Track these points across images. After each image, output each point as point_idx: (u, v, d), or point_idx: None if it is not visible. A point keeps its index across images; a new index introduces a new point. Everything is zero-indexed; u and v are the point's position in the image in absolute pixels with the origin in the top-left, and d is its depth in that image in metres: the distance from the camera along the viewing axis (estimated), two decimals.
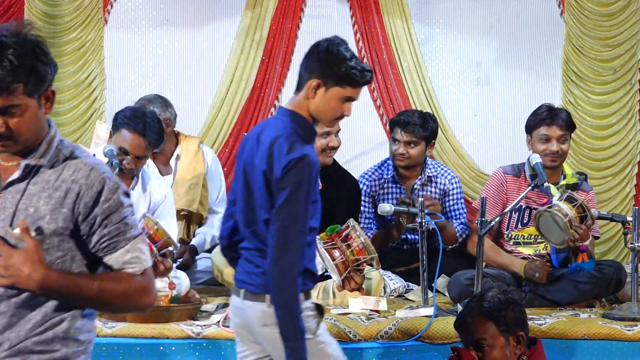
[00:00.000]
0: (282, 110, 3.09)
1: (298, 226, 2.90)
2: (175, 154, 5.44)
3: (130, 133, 4.51)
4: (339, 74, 3.03)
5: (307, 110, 3.05)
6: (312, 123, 3.07)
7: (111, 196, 2.35)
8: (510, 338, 3.31)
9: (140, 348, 4.02)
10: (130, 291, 2.38)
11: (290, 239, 2.89)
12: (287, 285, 2.89)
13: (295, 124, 3.02)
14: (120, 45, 6.43)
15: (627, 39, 6.48)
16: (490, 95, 6.57)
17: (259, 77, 6.42)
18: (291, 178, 2.88)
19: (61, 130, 6.25)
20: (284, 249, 2.88)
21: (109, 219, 2.35)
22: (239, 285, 3.07)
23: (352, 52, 3.08)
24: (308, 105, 3.04)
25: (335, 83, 3.03)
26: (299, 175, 2.89)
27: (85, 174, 2.35)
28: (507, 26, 6.55)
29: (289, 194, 2.88)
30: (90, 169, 2.36)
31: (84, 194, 2.33)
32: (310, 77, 3.04)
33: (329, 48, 3.05)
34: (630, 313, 4.38)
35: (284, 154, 2.91)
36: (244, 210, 3.05)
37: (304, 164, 2.89)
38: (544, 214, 4.47)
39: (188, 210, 5.37)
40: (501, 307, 3.32)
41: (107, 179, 2.36)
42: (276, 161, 2.92)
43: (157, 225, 4.23)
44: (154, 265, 4.23)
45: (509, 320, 3.32)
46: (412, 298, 4.87)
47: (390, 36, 6.43)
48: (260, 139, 3.02)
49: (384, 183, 5.36)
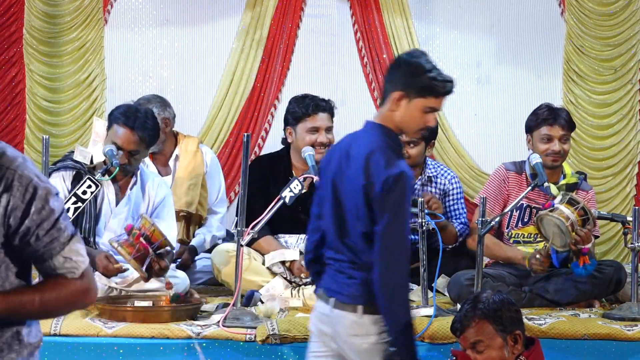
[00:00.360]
0: (371, 124, 3.11)
1: (403, 243, 2.95)
2: (174, 155, 5.44)
3: (122, 128, 4.55)
4: (420, 85, 3.05)
5: (392, 122, 3.07)
6: (398, 136, 3.10)
7: (42, 204, 2.22)
8: (507, 337, 3.31)
9: (140, 348, 4.03)
10: (72, 297, 2.30)
11: (397, 258, 2.93)
12: (401, 303, 2.93)
13: (387, 137, 3.05)
14: (121, 45, 6.43)
15: (627, 38, 6.48)
16: (490, 94, 6.56)
17: (259, 76, 6.41)
18: (393, 196, 2.92)
19: (61, 130, 6.27)
20: (392, 268, 2.92)
21: (40, 228, 2.23)
22: (329, 294, 3.07)
23: (432, 63, 3.11)
24: (392, 117, 3.06)
25: (417, 94, 3.05)
26: (400, 193, 2.93)
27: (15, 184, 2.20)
28: (507, 25, 6.54)
29: (392, 214, 2.92)
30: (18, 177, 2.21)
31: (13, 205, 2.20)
32: (393, 90, 3.07)
33: (410, 60, 3.10)
34: (630, 313, 4.38)
35: (382, 168, 2.94)
36: (335, 222, 3.07)
37: (403, 181, 2.93)
38: (545, 217, 4.47)
39: (187, 211, 5.37)
40: (497, 307, 3.32)
41: (38, 187, 2.22)
42: (375, 175, 2.95)
43: (154, 226, 4.23)
44: (149, 265, 4.23)
45: (505, 319, 3.32)
46: (412, 298, 4.87)
47: (391, 35, 6.43)
48: (351, 153, 3.05)
49: None
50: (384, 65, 6.44)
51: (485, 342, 3.28)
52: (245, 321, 4.12)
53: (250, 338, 4.03)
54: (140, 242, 4.18)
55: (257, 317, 4.20)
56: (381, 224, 2.93)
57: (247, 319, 4.14)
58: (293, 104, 5.01)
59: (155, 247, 4.20)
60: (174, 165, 5.44)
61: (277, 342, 4.00)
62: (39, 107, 6.24)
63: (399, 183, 2.92)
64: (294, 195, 4.29)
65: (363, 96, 6.48)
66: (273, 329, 4.00)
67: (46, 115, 6.24)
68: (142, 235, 4.19)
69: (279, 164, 5.01)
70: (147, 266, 4.22)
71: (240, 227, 4.20)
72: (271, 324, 4.04)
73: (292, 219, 4.86)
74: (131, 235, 4.22)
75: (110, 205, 4.69)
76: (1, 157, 2.21)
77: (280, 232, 4.93)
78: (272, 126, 6.39)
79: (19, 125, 6.26)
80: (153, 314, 4.20)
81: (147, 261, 4.21)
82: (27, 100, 6.25)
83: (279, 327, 4.02)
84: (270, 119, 6.42)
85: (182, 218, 5.37)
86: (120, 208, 4.69)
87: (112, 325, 4.08)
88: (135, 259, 4.19)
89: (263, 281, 4.66)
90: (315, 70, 6.50)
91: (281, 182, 4.57)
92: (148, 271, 4.24)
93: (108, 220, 4.68)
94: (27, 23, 6.26)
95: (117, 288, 4.52)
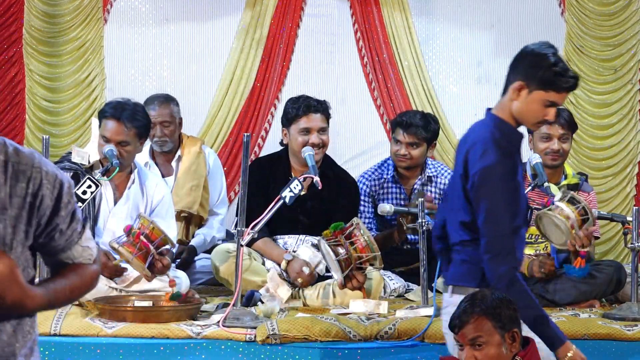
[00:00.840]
0: (488, 114, 3.12)
1: (504, 233, 2.98)
2: (177, 155, 5.45)
3: (109, 120, 4.60)
4: (542, 78, 3.04)
5: (509, 112, 3.07)
6: (514, 127, 3.09)
7: (68, 199, 2.22)
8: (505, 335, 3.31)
9: (140, 348, 4.02)
10: (90, 282, 2.33)
11: (501, 251, 2.98)
12: (515, 291, 3.01)
13: (496, 129, 3.05)
14: (120, 45, 6.43)
15: (627, 38, 6.48)
16: (490, 94, 6.55)
17: (259, 76, 6.41)
18: (485, 189, 2.95)
19: (61, 130, 6.27)
20: (498, 261, 2.98)
21: (64, 222, 2.23)
22: (446, 282, 3.18)
23: (559, 58, 3.09)
24: (511, 107, 3.06)
25: (538, 86, 3.04)
26: (492, 185, 2.94)
27: (44, 183, 2.18)
28: (507, 25, 6.54)
29: (488, 207, 2.95)
30: (45, 174, 2.17)
31: (45, 205, 2.18)
32: (514, 79, 3.06)
33: (536, 51, 3.09)
34: (630, 313, 4.38)
35: (477, 159, 2.96)
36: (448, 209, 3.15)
37: (494, 171, 2.94)
38: (545, 215, 4.46)
39: (188, 212, 5.37)
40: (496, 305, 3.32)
41: (63, 182, 2.20)
42: (470, 167, 2.98)
43: (152, 224, 4.23)
44: (151, 264, 4.24)
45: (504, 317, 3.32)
46: (412, 298, 4.87)
47: (391, 35, 6.43)
48: (465, 142, 3.09)
49: (384, 183, 5.35)
50: (384, 65, 6.44)
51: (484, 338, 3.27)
52: (245, 321, 4.12)
53: (250, 338, 4.02)
54: (140, 240, 4.18)
55: (257, 317, 4.20)
56: (479, 217, 2.98)
57: (247, 319, 4.14)
58: (288, 104, 5.01)
59: (156, 245, 4.20)
60: (177, 165, 5.45)
61: (277, 342, 4.00)
62: (39, 107, 6.24)
63: (491, 173, 2.93)
64: (294, 195, 4.29)
65: (363, 96, 6.48)
66: (273, 329, 4.00)
67: (46, 115, 6.24)
68: (142, 234, 4.19)
69: (278, 165, 5.01)
70: (149, 264, 4.22)
71: (240, 227, 4.20)
72: (271, 324, 4.04)
73: (291, 220, 4.86)
74: (131, 235, 4.22)
75: (109, 205, 4.69)
76: (18, 154, 2.16)
77: (279, 234, 4.92)
78: (272, 126, 6.39)
79: (18, 125, 6.26)
80: (153, 314, 4.20)
81: (149, 259, 4.21)
82: (26, 100, 6.25)
83: (279, 327, 4.02)
84: (270, 119, 6.42)
85: (183, 219, 5.37)
86: (118, 207, 4.69)
87: (112, 325, 4.08)
88: (137, 257, 4.18)
89: (263, 281, 4.66)
90: (315, 69, 6.50)
91: (280, 182, 4.57)
92: (150, 269, 4.24)
93: (107, 220, 4.68)
94: (26, 23, 6.26)
95: (117, 288, 4.52)
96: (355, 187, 5.15)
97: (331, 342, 4.02)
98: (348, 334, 4.04)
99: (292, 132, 4.91)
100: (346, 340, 4.03)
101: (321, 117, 4.92)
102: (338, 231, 4.32)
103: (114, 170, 4.48)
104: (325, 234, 4.35)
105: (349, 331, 4.05)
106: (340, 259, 4.26)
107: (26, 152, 2.18)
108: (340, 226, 4.31)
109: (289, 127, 4.94)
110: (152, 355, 4.01)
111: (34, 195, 2.16)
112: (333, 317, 4.16)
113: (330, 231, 4.34)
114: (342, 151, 6.23)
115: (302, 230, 4.92)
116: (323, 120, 4.93)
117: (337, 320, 4.11)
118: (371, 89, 6.46)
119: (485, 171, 2.94)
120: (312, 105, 4.90)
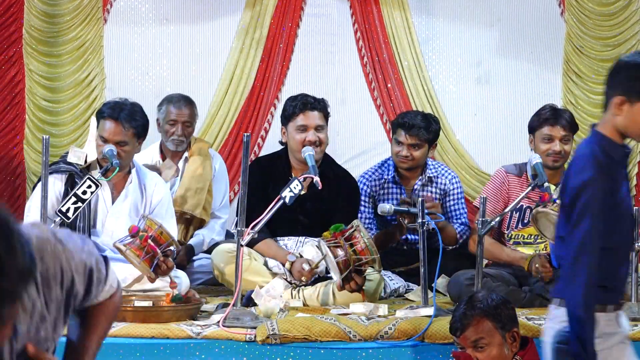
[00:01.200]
0: (592, 131, 3.07)
1: (587, 251, 2.89)
2: (183, 156, 5.47)
3: (107, 120, 4.61)
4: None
5: (613, 127, 2.99)
6: (617, 142, 3.01)
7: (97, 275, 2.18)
8: (506, 335, 3.32)
9: (140, 348, 4.02)
10: (113, 315, 2.39)
11: (577, 269, 2.89)
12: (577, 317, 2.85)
13: (597, 145, 2.98)
14: (120, 44, 6.43)
15: (627, 38, 6.48)
16: (490, 94, 6.56)
17: (259, 76, 6.41)
18: (578, 203, 2.89)
19: (61, 130, 6.27)
20: (572, 278, 2.90)
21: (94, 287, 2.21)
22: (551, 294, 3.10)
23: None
24: (615, 122, 2.99)
25: (639, 98, 2.96)
26: (585, 201, 2.88)
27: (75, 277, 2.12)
28: (507, 25, 6.55)
29: (576, 220, 2.89)
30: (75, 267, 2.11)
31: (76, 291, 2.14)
32: (614, 94, 2.98)
33: (631, 63, 3.00)
34: (630, 313, 4.37)
35: (574, 174, 2.92)
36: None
37: (589, 188, 2.88)
38: (541, 213, 4.46)
39: (191, 214, 5.38)
40: (495, 305, 3.34)
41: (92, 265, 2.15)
42: (569, 182, 2.94)
43: (161, 228, 4.22)
44: (157, 266, 4.23)
45: (504, 317, 3.33)
46: (412, 298, 4.87)
47: (391, 35, 6.43)
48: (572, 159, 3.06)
49: (384, 183, 5.35)
50: (384, 65, 6.44)
51: (486, 339, 3.29)
52: (245, 321, 4.12)
53: (250, 338, 4.02)
54: (148, 244, 4.18)
55: (257, 317, 4.20)
56: (571, 233, 2.91)
57: (247, 319, 4.14)
58: (286, 102, 5.00)
59: (163, 249, 4.20)
60: (183, 166, 5.46)
61: (277, 342, 3.99)
62: (39, 107, 6.24)
63: (586, 189, 2.88)
64: (294, 195, 4.28)
65: (363, 96, 6.48)
66: (273, 329, 4.00)
67: (46, 115, 6.24)
68: (150, 237, 4.19)
69: (277, 164, 5.00)
70: (154, 267, 4.22)
71: (240, 227, 4.20)
72: (271, 324, 4.03)
73: (290, 221, 4.86)
74: (138, 238, 4.21)
75: (106, 205, 4.69)
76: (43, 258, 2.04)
77: (278, 235, 4.91)
78: (272, 126, 6.39)
79: (18, 125, 6.26)
80: (153, 314, 4.20)
81: (154, 262, 4.20)
82: (26, 100, 6.25)
83: (279, 327, 4.02)
84: (269, 119, 6.42)
85: (185, 221, 5.37)
86: (117, 207, 4.69)
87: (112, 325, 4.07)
88: (144, 261, 4.18)
89: (263, 281, 4.65)
90: (315, 69, 6.50)
91: (280, 182, 4.56)
92: (154, 271, 4.24)
93: (105, 220, 4.68)
94: (26, 23, 6.26)
95: None
96: (355, 187, 5.13)
97: (331, 342, 4.02)
98: (348, 334, 4.04)
99: (290, 130, 4.90)
100: (346, 340, 4.02)
101: (319, 114, 4.89)
102: (338, 233, 4.32)
103: (114, 171, 4.48)
104: (325, 235, 4.36)
105: (349, 331, 4.04)
106: (339, 260, 4.26)
107: (48, 250, 2.06)
108: (340, 228, 4.31)
109: (287, 125, 4.93)
110: (152, 355, 4.01)
111: (67, 292, 2.12)
112: (333, 317, 4.16)
113: (330, 232, 4.35)
114: (342, 151, 6.24)
115: (302, 232, 4.91)
116: (321, 117, 4.90)
117: (337, 320, 4.11)
118: (371, 88, 6.46)
119: (580, 187, 2.89)
120: (310, 103, 4.89)
